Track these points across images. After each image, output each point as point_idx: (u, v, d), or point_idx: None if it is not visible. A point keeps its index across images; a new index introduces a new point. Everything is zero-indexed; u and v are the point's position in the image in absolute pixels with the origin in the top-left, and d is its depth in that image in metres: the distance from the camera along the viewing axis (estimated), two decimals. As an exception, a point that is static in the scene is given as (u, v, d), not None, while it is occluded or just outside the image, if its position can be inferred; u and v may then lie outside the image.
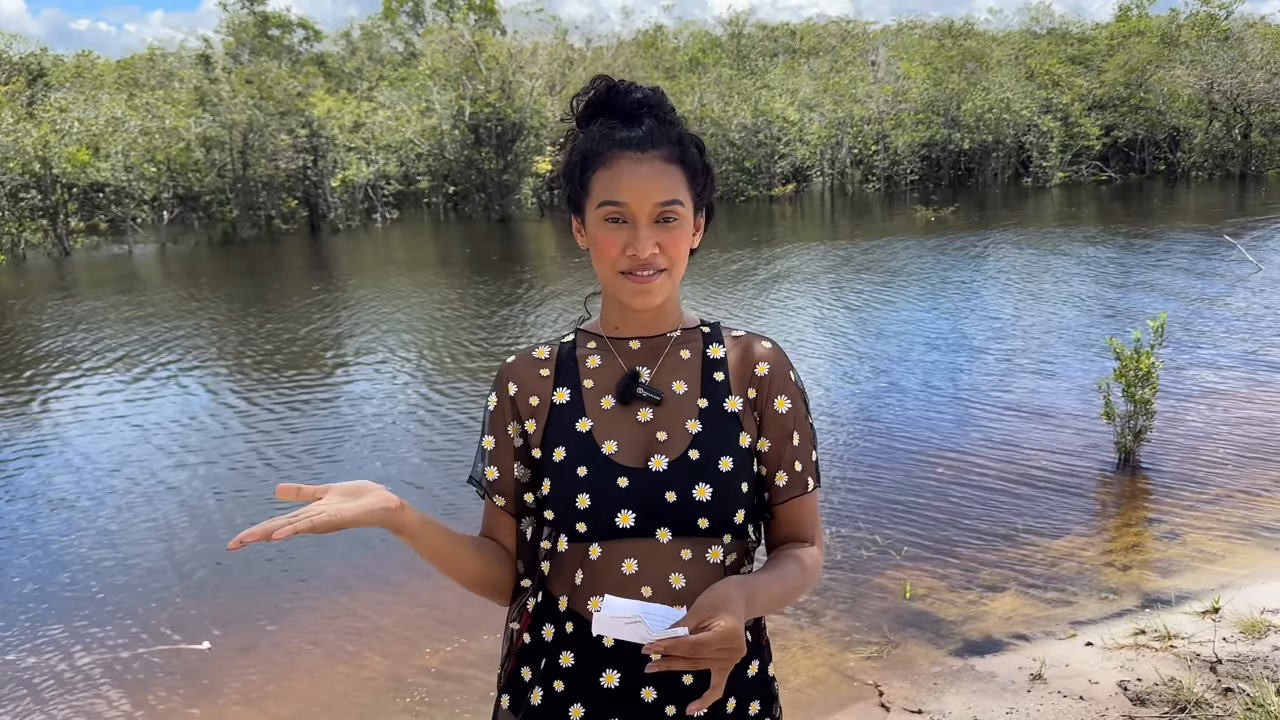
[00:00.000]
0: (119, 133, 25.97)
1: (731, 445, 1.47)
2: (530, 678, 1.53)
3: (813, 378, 9.03)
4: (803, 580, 1.48)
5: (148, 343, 12.04)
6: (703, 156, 1.46)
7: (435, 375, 10.08)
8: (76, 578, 5.49)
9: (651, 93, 1.45)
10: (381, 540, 5.84)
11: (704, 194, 1.48)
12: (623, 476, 1.44)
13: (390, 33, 45.07)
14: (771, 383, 1.52)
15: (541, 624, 1.52)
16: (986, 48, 39.64)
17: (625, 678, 1.44)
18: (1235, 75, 33.69)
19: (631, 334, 1.53)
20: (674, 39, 48.95)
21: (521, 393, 1.54)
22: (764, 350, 1.54)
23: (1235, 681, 3.64)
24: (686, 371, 1.51)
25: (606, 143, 1.42)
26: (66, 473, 7.30)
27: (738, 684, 1.49)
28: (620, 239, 1.41)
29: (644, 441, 1.47)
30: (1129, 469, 6.38)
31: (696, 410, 1.48)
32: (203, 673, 4.41)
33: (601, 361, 1.53)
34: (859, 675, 4.09)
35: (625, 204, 1.40)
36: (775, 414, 1.51)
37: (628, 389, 1.48)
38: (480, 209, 29.35)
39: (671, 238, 1.42)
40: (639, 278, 1.42)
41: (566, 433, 1.49)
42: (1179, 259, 15.56)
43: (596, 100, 1.45)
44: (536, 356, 1.57)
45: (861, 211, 27.85)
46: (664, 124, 1.44)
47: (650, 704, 1.45)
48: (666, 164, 1.41)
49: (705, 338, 1.55)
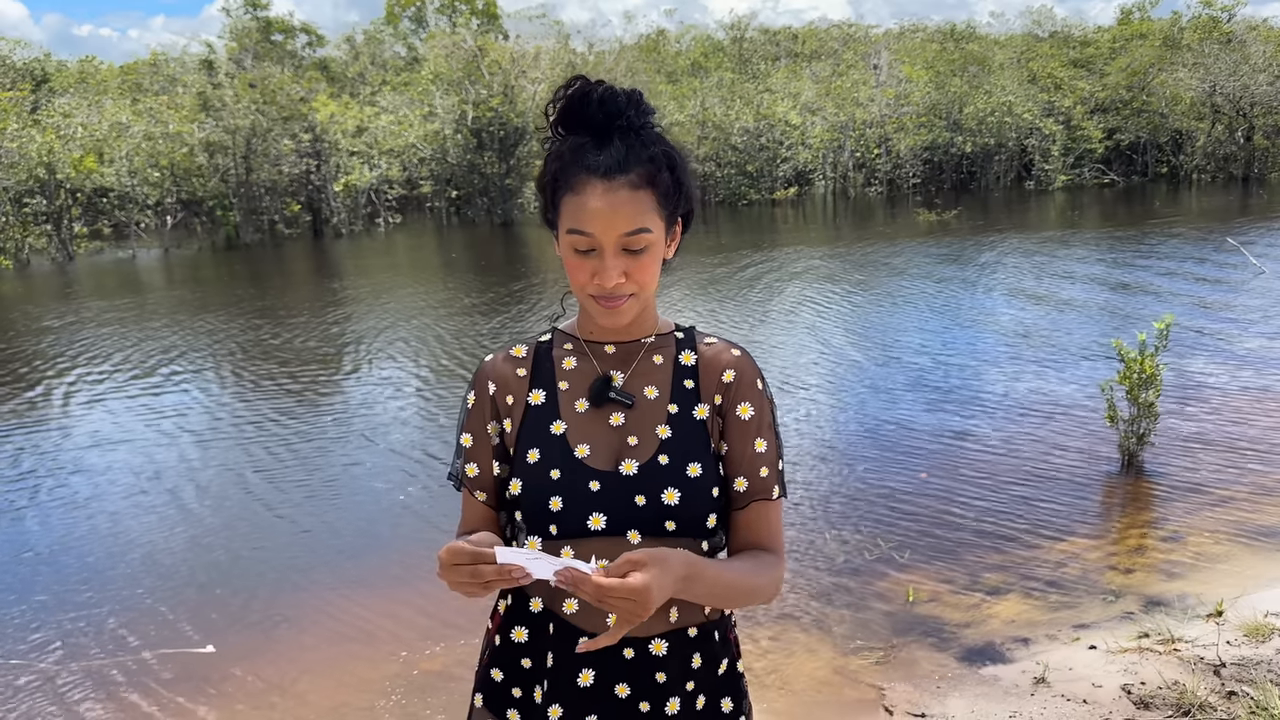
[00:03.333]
0: (123, 138, 26.04)
1: (700, 451, 1.48)
2: (502, 679, 1.56)
3: (812, 382, 9.03)
4: (755, 583, 1.48)
5: (152, 347, 12.07)
6: (675, 174, 1.43)
7: (442, 379, 10.08)
8: (80, 579, 5.49)
9: (627, 100, 1.40)
10: (383, 543, 5.85)
11: (678, 209, 1.47)
12: (594, 480, 1.46)
13: (393, 38, 45.17)
14: (737, 389, 1.52)
15: (512, 625, 1.55)
16: (989, 51, 39.65)
17: (600, 676, 1.47)
18: (1238, 78, 33.70)
19: (607, 338, 1.55)
20: (676, 43, 49.03)
21: (500, 391, 1.56)
22: (732, 358, 1.55)
23: (1239, 685, 3.63)
24: (658, 377, 1.53)
25: (576, 167, 1.39)
26: (69, 476, 7.31)
27: (707, 681, 1.52)
28: (588, 267, 1.42)
29: (615, 445, 1.49)
30: (1132, 472, 6.38)
31: (666, 415, 1.50)
32: (207, 675, 4.41)
33: (577, 364, 1.55)
34: (862, 678, 4.09)
35: (591, 234, 1.39)
36: (737, 420, 1.51)
37: (600, 393, 1.51)
38: (483, 213, 29.40)
39: (639, 264, 1.42)
40: (607, 302, 1.44)
41: (541, 435, 1.51)
42: (1182, 262, 15.55)
43: (569, 109, 1.42)
44: (514, 355, 1.59)
45: (864, 215, 27.86)
46: (637, 143, 1.40)
47: (624, 699, 1.47)
48: (634, 191, 1.38)
49: (679, 344, 1.57)
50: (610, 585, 1.23)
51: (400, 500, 6.60)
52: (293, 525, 6.26)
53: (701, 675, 1.51)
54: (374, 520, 6.27)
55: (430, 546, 5.64)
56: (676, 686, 1.49)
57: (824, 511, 5.94)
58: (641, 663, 1.47)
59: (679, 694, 1.49)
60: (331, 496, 6.76)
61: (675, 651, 1.49)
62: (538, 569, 1.26)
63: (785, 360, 9.85)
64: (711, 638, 1.53)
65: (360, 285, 17.69)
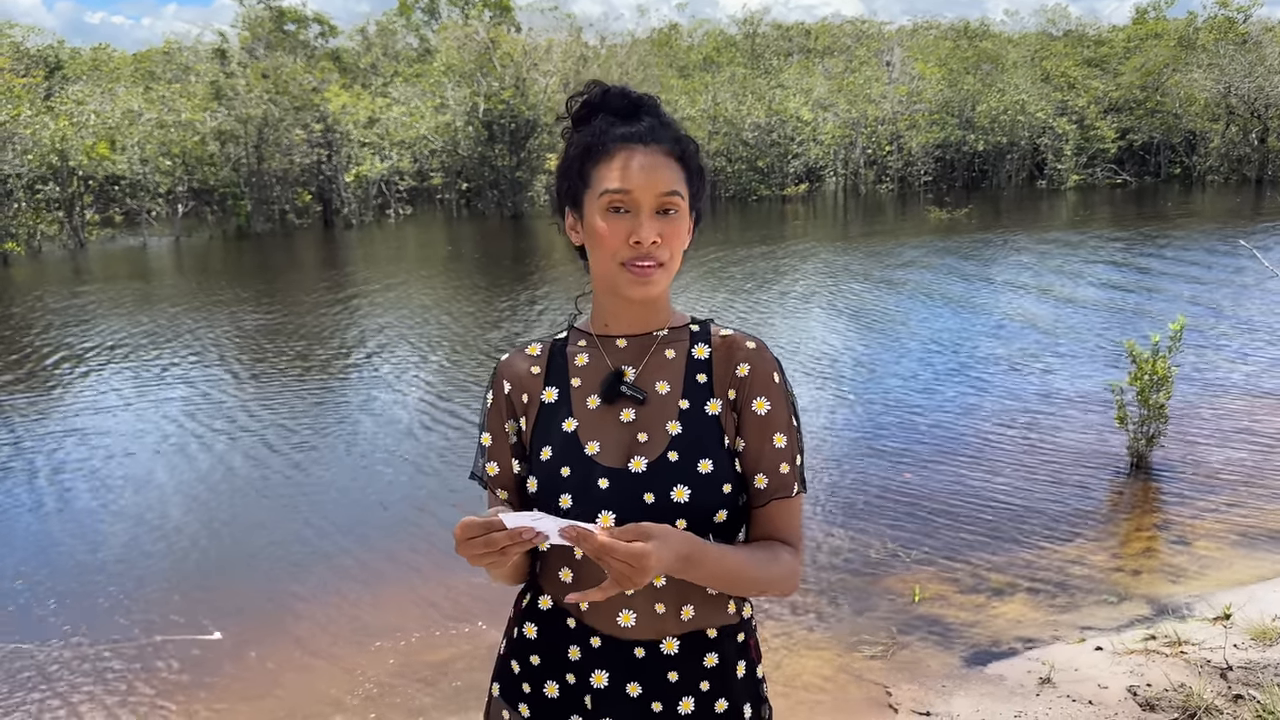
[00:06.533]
0: (135, 126, 26.08)
1: (712, 447, 1.46)
2: (519, 671, 1.57)
3: (819, 379, 9.02)
4: (765, 573, 1.46)
5: (161, 335, 12.11)
6: (698, 159, 1.48)
7: (445, 369, 10.10)
8: (91, 564, 5.52)
9: (646, 97, 1.48)
10: (386, 534, 5.86)
11: (698, 195, 1.49)
12: (604, 478, 1.45)
13: (405, 29, 45.15)
14: (752, 384, 1.49)
15: (526, 621, 1.57)
16: (1002, 49, 39.49)
17: (612, 677, 1.47)
18: (1253, 79, 33.51)
19: (620, 332, 1.54)
20: (688, 37, 48.94)
21: (515, 390, 1.56)
22: (747, 351, 1.51)
23: (1246, 688, 3.62)
24: (670, 372, 1.51)
25: (608, 136, 1.43)
26: (77, 463, 7.34)
27: (725, 683, 1.51)
28: (623, 227, 1.41)
29: (626, 442, 1.47)
30: (1141, 474, 6.35)
31: (677, 411, 1.48)
32: (213, 661, 4.43)
33: (589, 360, 1.54)
34: (867, 677, 4.09)
35: (629, 191, 1.40)
36: (753, 415, 1.48)
37: (611, 388, 1.50)
38: (493, 206, 29.40)
39: (672, 229, 1.43)
40: (639, 269, 1.42)
41: (553, 432, 1.51)
42: (1193, 264, 15.48)
43: (593, 101, 1.46)
44: (529, 353, 1.59)
45: (874, 212, 27.79)
46: (662, 123, 1.46)
47: (636, 699, 1.47)
48: (668, 157, 1.43)
49: (693, 337, 1.54)
50: (613, 545, 1.24)
51: (404, 491, 6.61)
52: (297, 515, 6.28)
53: (717, 676, 1.49)
54: (378, 511, 6.28)
55: (433, 538, 5.67)
56: (689, 686, 1.48)
57: (829, 509, 5.93)
58: (652, 662, 1.47)
59: (693, 694, 1.48)
60: (336, 487, 6.78)
61: (689, 651, 1.48)
62: (545, 528, 1.27)
63: (792, 356, 9.83)
64: (732, 639, 1.52)
65: (368, 275, 17.72)
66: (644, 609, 1.46)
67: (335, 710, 4.04)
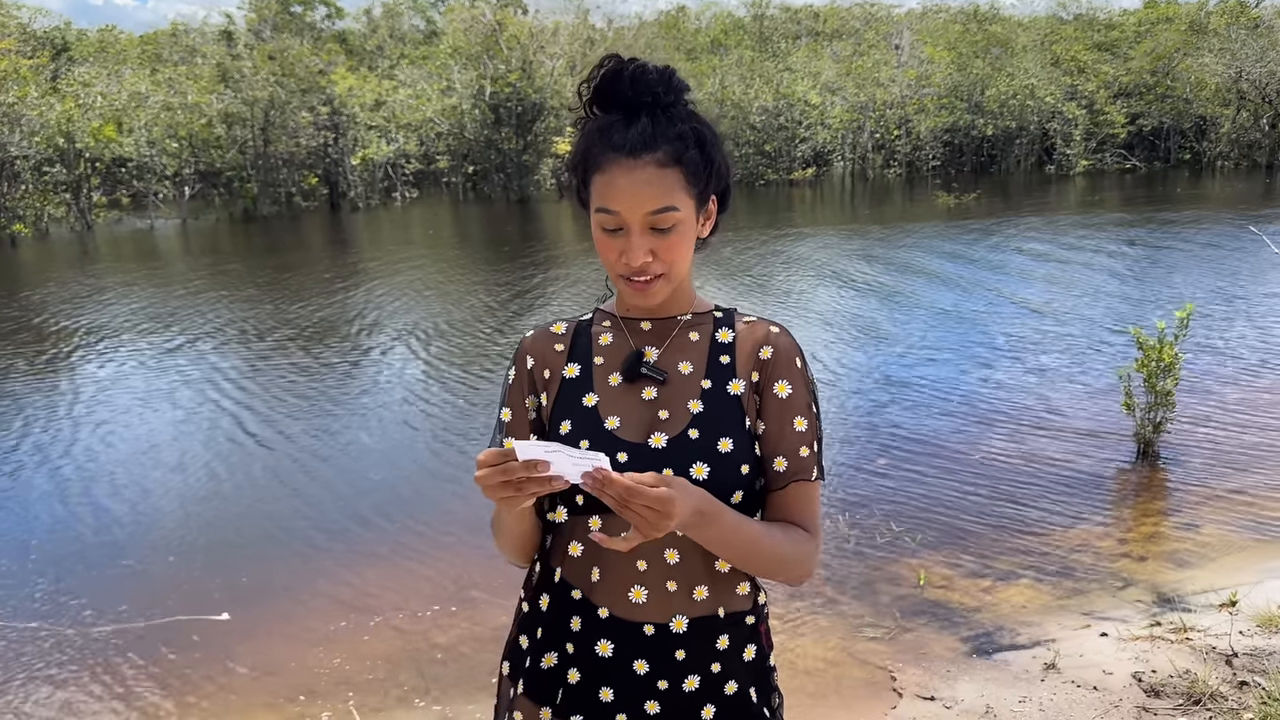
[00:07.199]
0: (142, 108, 26.06)
1: (733, 427, 1.47)
2: (527, 646, 1.57)
3: (826, 365, 9.01)
4: (781, 551, 1.46)
5: (168, 317, 12.13)
6: (705, 151, 1.44)
7: (451, 352, 10.10)
8: (99, 546, 5.56)
9: (658, 78, 1.42)
10: (396, 514, 5.88)
11: (709, 187, 1.47)
12: (623, 451, 1.45)
13: (412, 11, 45.03)
14: (775, 367, 1.51)
15: (539, 594, 1.57)
16: (1012, 33, 39.19)
17: (618, 649, 1.48)
18: (1264, 64, 33.20)
19: (642, 315, 1.56)
20: (696, 20, 48.67)
21: (538, 366, 1.57)
22: (772, 335, 1.54)
23: (1251, 675, 3.63)
24: (693, 353, 1.53)
25: (602, 146, 1.41)
26: (85, 443, 7.38)
27: (734, 665, 1.51)
28: (616, 246, 1.42)
29: (647, 419, 1.48)
30: (1148, 460, 6.35)
31: (699, 390, 1.49)
32: (221, 642, 4.47)
33: (613, 340, 1.56)
34: (872, 660, 4.11)
35: (617, 213, 1.40)
36: (774, 398, 1.50)
37: (632, 367, 1.51)
38: (499, 189, 29.33)
39: (667, 244, 1.42)
40: (635, 283, 1.44)
41: (574, 407, 1.52)
42: (1203, 249, 15.41)
43: (601, 88, 1.43)
44: (554, 331, 1.60)
45: (882, 197, 27.68)
46: (664, 120, 1.41)
47: (642, 676, 1.47)
48: (661, 169, 1.39)
49: (717, 322, 1.56)
50: (638, 489, 1.24)
51: (412, 474, 6.64)
52: (305, 497, 6.31)
53: (727, 657, 1.50)
54: (386, 494, 6.30)
55: (444, 518, 5.70)
56: (697, 665, 1.48)
57: (836, 494, 5.94)
58: (661, 640, 1.47)
59: (700, 673, 1.48)
60: (345, 468, 6.80)
61: (698, 631, 1.48)
62: (560, 464, 1.26)
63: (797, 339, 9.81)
64: (742, 622, 1.52)
65: (376, 258, 17.72)
66: (656, 586, 1.46)
67: (345, 689, 4.07)
